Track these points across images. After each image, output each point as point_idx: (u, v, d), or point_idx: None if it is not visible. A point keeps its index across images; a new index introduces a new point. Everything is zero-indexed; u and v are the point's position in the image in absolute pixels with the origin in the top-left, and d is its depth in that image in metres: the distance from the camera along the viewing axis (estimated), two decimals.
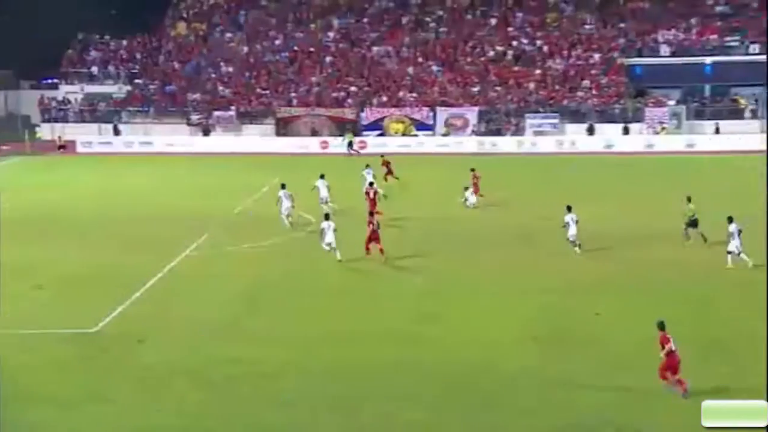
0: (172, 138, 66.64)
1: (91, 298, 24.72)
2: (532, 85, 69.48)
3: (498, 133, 66.27)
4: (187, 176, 50.74)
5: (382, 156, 48.17)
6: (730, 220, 27.21)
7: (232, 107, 69.88)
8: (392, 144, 65.00)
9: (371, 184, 37.17)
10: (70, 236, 33.31)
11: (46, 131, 70.54)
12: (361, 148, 64.06)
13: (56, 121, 71.55)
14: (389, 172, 46.08)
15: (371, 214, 30.19)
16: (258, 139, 65.99)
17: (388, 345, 20.70)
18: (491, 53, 73.25)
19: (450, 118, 67.14)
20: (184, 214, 37.48)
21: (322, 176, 37.72)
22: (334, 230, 28.60)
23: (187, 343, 20.89)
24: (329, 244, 28.61)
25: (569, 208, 29.73)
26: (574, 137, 64.05)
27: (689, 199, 30.92)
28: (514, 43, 73.94)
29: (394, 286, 26.03)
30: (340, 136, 66.77)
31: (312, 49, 75.67)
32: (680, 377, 17.20)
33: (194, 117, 69.84)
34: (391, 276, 27.17)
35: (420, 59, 73.82)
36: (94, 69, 76.43)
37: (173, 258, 29.42)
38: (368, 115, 67.74)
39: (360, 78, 72.45)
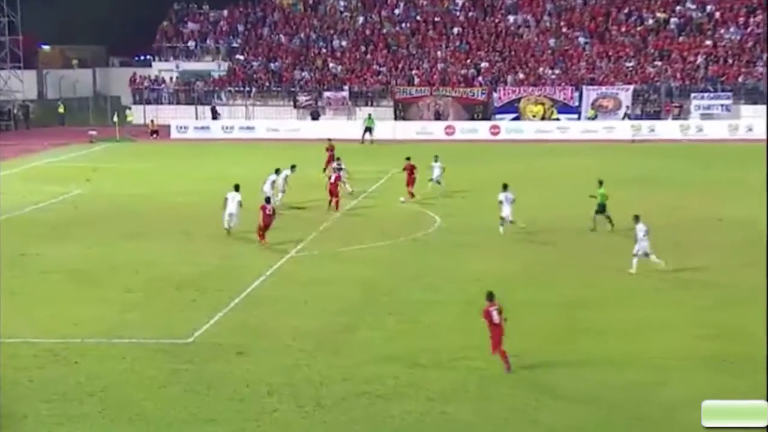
0: (277, 122, 68.14)
1: (186, 304, 25.49)
2: (699, 59, 67.82)
3: (656, 116, 65.09)
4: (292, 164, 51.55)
5: (329, 140, 48.45)
6: (637, 219, 27.90)
7: (345, 87, 70.82)
8: (529, 129, 64.74)
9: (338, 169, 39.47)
10: (163, 233, 34.43)
11: (137, 114, 73.08)
12: (495, 133, 63.99)
13: (148, 102, 74.14)
14: (330, 160, 45.65)
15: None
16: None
17: (533, 363, 20.73)
18: (650, 21, 71.86)
19: (599, 99, 66.29)
20: (290, 208, 38.26)
21: (277, 171, 38.40)
22: (239, 203, 32.44)
23: (292, 356, 21.26)
24: (230, 215, 32.57)
25: (505, 186, 32.27)
26: (751, 121, 62.17)
27: (601, 183, 32.81)
28: (679, 8, 72.34)
29: (533, 295, 25.91)
30: (470, 119, 66.82)
31: (437, 19, 75.91)
32: (501, 349, 19.73)
33: (302, 98, 71.16)
34: (525, 284, 27.09)
35: (564, 29, 73.06)
36: (191, 44, 78.72)
37: (277, 259, 30.09)
38: (501, 96, 67.52)
39: (492, 52, 72.26)
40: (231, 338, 22.55)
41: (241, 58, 76.18)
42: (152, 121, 69.16)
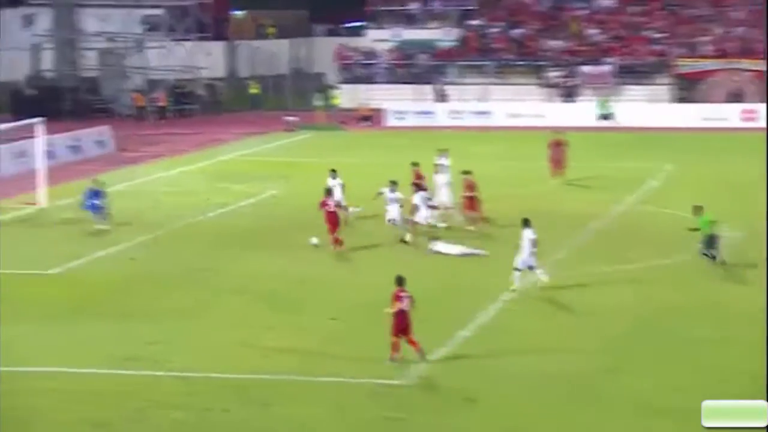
0: (519, 105, 67.98)
1: None
2: None
3: None
4: (536, 160, 51.29)
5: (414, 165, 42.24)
6: (526, 223, 29.22)
7: (609, 59, 70.05)
8: None
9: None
10: (376, 246, 35.26)
11: (345, 96, 74.47)
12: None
13: (359, 81, 75.47)
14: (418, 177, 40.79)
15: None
16: (645, 106, 65.83)
17: None
18: None
19: None
20: (536, 215, 37.98)
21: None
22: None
23: (536, 405, 21.27)
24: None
25: (393, 183, 35.47)
26: None
27: (699, 210, 31.28)
28: None
29: None
30: None
31: None
32: (412, 338, 23.21)
33: (552, 74, 70.86)
34: None
35: None
36: (413, 6, 79.61)
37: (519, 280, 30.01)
38: None
39: None
40: (456, 380, 22.73)
41: (476, 23, 76.58)
42: (364, 104, 70.46)
